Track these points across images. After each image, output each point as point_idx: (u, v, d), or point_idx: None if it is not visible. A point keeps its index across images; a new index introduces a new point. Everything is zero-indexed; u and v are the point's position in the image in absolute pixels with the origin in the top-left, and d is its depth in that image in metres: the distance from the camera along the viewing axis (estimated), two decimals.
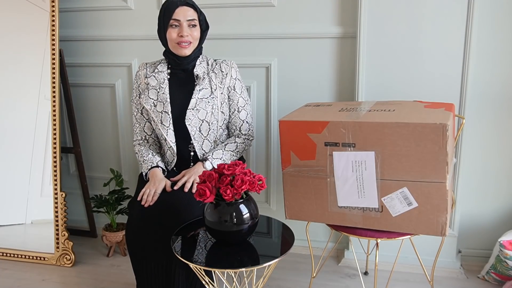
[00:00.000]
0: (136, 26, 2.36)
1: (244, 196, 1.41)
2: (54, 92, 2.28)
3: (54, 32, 2.26)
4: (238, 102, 1.85)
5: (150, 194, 1.66)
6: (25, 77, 2.32)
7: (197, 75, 1.80)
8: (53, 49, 2.26)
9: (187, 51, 1.75)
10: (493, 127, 2.06)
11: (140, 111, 1.87)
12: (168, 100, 1.78)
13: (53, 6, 2.25)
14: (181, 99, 1.79)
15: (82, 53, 2.46)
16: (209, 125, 1.80)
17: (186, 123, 1.76)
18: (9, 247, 2.37)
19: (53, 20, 2.25)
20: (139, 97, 1.85)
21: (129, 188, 2.45)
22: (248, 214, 1.40)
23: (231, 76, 1.83)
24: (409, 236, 1.64)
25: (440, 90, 1.98)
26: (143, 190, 1.69)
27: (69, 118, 2.45)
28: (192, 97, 1.77)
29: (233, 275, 1.41)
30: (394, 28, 1.98)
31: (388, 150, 1.46)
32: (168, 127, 1.77)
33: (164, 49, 1.82)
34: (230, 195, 1.36)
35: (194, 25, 1.74)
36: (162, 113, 1.77)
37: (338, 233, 1.71)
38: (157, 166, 1.78)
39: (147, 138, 1.90)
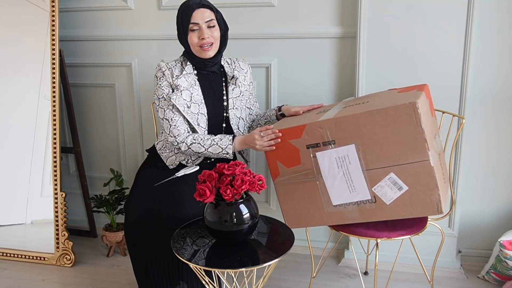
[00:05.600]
0: (136, 26, 2.36)
1: (244, 196, 1.42)
2: (54, 92, 2.28)
3: (54, 32, 2.26)
4: (254, 93, 1.99)
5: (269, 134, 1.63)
6: (25, 77, 2.32)
7: (233, 76, 1.83)
8: (53, 49, 2.26)
9: (211, 53, 1.75)
10: (493, 127, 2.06)
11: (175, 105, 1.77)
12: (203, 101, 1.78)
13: (53, 6, 2.25)
14: (214, 99, 1.81)
15: (82, 53, 2.46)
16: (243, 121, 1.87)
17: (231, 123, 1.82)
18: (9, 247, 2.37)
19: (53, 20, 2.25)
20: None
21: (129, 188, 2.44)
22: (248, 214, 1.40)
23: (250, 71, 1.92)
24: (409, 236, 1.64)
25: (440, 90, 1.97)
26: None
27: (69, 118, 2.45)
28: (229, 97, 1.82)
29: (233, 275, 1.41)
30: (394, 28, 1.98)
31: (367, 140, 1.47)
32: (204, 128, 1.78)
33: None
34: (230, 195, 1.36)
35: (213, 26, 1.73)
36: (198, 115, 1.76)
37: (338, 233, 1.71)
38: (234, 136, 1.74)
39: (189, 130, 1.77)
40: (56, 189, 2.31)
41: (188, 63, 1.80)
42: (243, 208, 1.40)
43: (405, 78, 2.01)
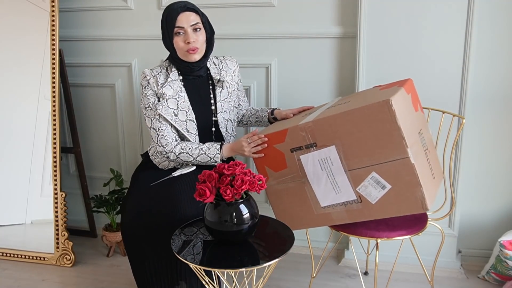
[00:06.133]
0: (136, 26, 2.36)
1: (244, 196, 1.42)
2: (54, 92, 2.28)
3: (54, 32, 2.26)
4: (242, 89, 1.98)
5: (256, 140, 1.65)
6: (25, 77, 2.32)
7: (219, 79, 1.82)
8: (53, 49, 2.26)
9: (197, 56, 1.73)
10: (493, 127, 2.06)
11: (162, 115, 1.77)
12: (190, 107, 1.77)
13: (53, 6, 2.25)
14: (201, 104, 1.80)
15: (82, 53, 2.46)
16: (231, 122, 1.87)
17: (220, 126, 1.81)
18: (9, 247, 2.37)
19: (53, 20, 2.25)
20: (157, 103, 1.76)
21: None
22: (248, 214, 1.40)
23: (238, 70, 1.91)
24: (409, 236, 1.64)
25: (440, 90, 1.98)
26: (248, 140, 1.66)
27: (69, 118, 2.45)
28: (217, 100, 1.81)
29: (233, 275, 1.41)
30: (394, 28, 1.98)
31: (346, 140, 1.47)
32: (195, 134, 1.78)
33: (167, 54, 1.81)
34: (230, 195, 1.36)
35: (199, 29, 1.71)
36: (186, 122, 1.76)
37: (338, 233, 1.71)
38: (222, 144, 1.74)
39: (176, 138, 1.78)
40: (56, 189, 2.31)
41: (174, 68, 1.78)
42: (243, 208, 1.40)
43: (405, 78, 2.01)
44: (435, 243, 2.01)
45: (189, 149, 1.72)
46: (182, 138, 1.78)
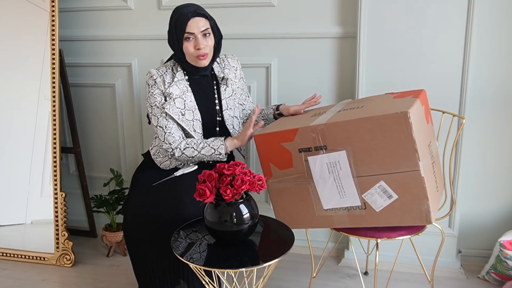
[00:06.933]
0: (136, 26, 2.36)
1: (244, 196, 1.42)
2: (54, 92, 2.28)
3: (54, 32, 2.26)
4: (246, 89, 1.98)
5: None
6: (25, 77, 2.32)
7: (223, 76, 1.82)
8: (53, 49, 2.26)
9: (206, 62, 1.74)
10: (493, 127, 2.06)
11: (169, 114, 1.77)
12: (197, 107, 1.77)
13: (53, 6, 2.25)
14: (207, 104, 1.81)
15: (82, 53, 2.46)
16: (237, 119, 1.88)
17: (226, 123, 1.81)
18: (9, 247, 2.37)
19: (53, 20, 2.25)
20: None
21: (129, 188, 2.44)
22: (248, 214, 1.40)
23: (240, 68, 1.91)
24: (409, 236, 1.64)
25: (440, 90, 1.97)
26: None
27: (69, 118, 2.45)
28: (222, 98, 1.82)
29: (233, 275, 1.41)
30: (394, 28, 1.98)
31: (358, 147, 1.47)
32: (200, 133, 1.78)
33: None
34: (230, 195, 1.36)
35: (208, 34, 1.71)
36: (193, 121, 1.76)
37: (338, 233, 1.71)
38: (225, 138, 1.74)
39: (183, 136, 1.78)
40: (56, 189, 2.31)
41: (179, 68, 1.78)
42: (243, 208, 1.40)
43: (405, 78, 2.01)
44: (435, 243, 2.00)
45: (194, 143, 1.72)
46: (188, 137, 1.78)
